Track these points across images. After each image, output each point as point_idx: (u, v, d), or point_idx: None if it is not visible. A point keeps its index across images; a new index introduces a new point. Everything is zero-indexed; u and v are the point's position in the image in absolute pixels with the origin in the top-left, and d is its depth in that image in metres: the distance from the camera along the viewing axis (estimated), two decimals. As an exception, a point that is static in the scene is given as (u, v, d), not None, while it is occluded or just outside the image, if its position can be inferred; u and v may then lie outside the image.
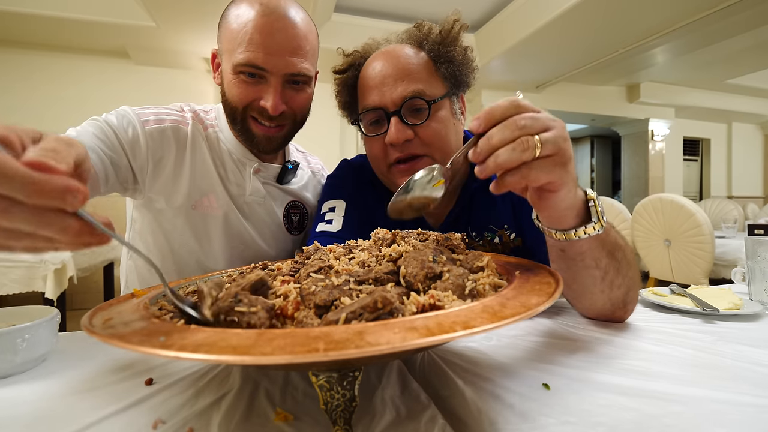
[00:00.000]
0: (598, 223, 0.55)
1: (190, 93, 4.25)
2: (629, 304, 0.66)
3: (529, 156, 0.44)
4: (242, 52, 0.80)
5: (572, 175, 0.50)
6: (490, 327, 0.28)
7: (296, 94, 0.87)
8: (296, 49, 0.82)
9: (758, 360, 0.52)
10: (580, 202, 0.54)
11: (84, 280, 3.00)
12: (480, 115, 0.46)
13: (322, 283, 0.40)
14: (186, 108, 0.97)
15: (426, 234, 0.57)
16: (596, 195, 0.55)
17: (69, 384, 0.50)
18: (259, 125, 0.87)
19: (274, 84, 0.82)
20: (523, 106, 0.46)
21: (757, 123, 7.72)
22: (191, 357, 0.26)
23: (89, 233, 0.32)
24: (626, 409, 0.39)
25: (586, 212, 0.56)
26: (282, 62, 0.81)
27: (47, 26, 3.49)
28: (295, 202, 1.05)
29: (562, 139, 0.46)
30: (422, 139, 0.79)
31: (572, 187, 0.51)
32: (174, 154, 0.89)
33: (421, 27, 0.85)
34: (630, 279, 0.62)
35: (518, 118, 0.45)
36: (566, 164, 0.48)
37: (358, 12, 4.10)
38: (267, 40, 0.79)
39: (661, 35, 3.86)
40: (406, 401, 0.44)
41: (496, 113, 0.45)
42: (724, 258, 2.60)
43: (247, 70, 0.81)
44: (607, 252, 0.58)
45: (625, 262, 0.61)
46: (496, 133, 0.44)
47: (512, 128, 0.44)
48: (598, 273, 0.60)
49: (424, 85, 0.78)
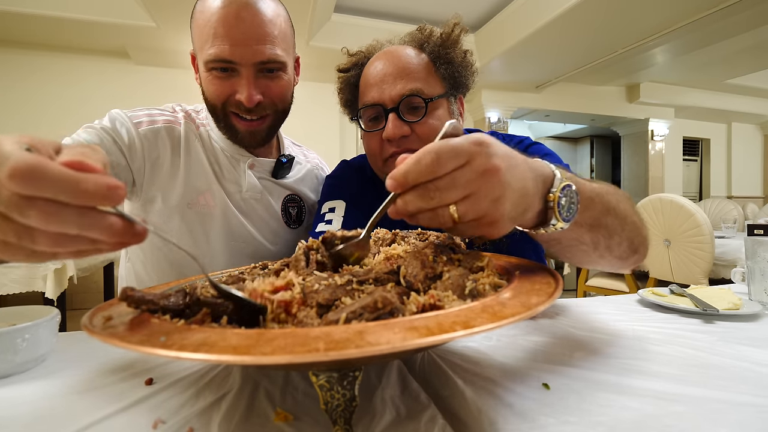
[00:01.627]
0: (559, 223, 0.48)
1: (190, 93, 4.21)
2: (639, 247, 0.62)
3: (448, 224, 0.40)
4: (210, 47, 0.79)
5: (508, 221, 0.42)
6: (490, 327, 0.28)
7: (271, 83, 0.85)
8: (263, 36, 0.80)
9: (758, 360, 0.52)
10: (531, 215, 0.47)
11: (84, 280, 3.00)
12: (395, 174, 0.39)
13: (325, 282, 0.40)
14: (178, 108, 0.97)
15: (426, 234, 0.57)
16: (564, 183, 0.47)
17: (69, 384, 0.49)
18: (241, 120, 0.86)
19: (246, 75, 0.81)
20: (443, 161, 0.38)
21: (756, 123, 7.71)
22: (191, 357, 0.26)
23: (130, 231, 0.31)
24: (626, 409, 0.40)
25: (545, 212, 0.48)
26: (249, 51, 0.79)
27: (47, 26, 3.49)
28: (292, 195, 1.04)
29: (491, 202, 0.39)
30: (419, 135, 0.80)
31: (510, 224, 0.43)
32: (169, 153, 0.89)
33: (422, 30, 0.86)
34: (629, 230, 0.59)
35: (431, 186, 0.38)
36: (494, 223, 0.41)
37: (358, 12, 4.10)
38: (231, 31, 0.77)
39: (661, 35, 3.86)
40: (406, 401, 0.44)
41: (410, 177, 0.38)
42: (723, 258, 2.60)
43: (218, 66, 0.80)
44: (588, 228, 0.54)
45: (618, 221, 0.56)
46: (412, 200, 0.39)
47: (426, 199, 0.39)
48: (585, 248, 0.57)
49: (423, 84, 0.80)
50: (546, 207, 0.47)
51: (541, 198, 0.47)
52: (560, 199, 0.47)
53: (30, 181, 0.27)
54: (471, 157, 0.38)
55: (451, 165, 0.38)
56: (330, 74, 0.94)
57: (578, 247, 0.57)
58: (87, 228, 0.29)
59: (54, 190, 0.27)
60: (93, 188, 0.28)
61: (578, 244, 0.56)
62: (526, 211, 0.45)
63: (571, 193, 0.48)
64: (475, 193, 0.38)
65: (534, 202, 0.46)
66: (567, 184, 0.47)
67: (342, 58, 0.93)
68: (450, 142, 0.38)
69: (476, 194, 0.39)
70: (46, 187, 0.27)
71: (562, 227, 0.48)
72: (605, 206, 0.55)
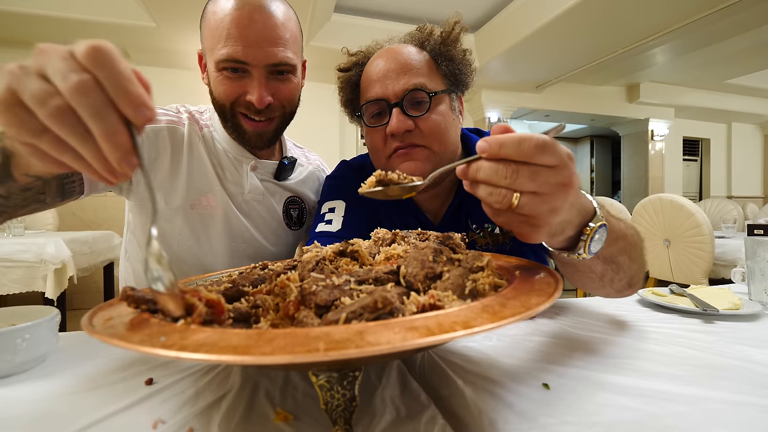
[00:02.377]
0: (583, 254, 0.52)
1: (190, 93, 4.25)
2: (635, 284, 0.66)
3: (501, 207, 0.42)
4: (222, 47, 0.79)
5: (545, 233, 0.45)
6: (490, 327, 0.28)
7: (281, 85, 0.86)
8: (276, 38, 0.81)
9: (758, 360, 0.52)
10: (561, 240, 0.51)
11: (84, 280, 3.00)
12: (492, 140, 0.41)
13: (322, 282, 0.40)
14: (182, 109, 0.97)
15: (426, 234, 0.57)
16: (601, 222, 0.51)
17: (69, 384, 0.49)
18: (249, 121, 0.87)
19: (257, 76, 0.82)
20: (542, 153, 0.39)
21: (756, 123, 7.72)
22: (191, 357, 0.26)
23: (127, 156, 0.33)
24: (626, 409, 0.40)
25: (574, 239, 0.52)
26: (262, 53, 0.80)
27: (47, 26, 3.49)
28: (293, 197, 1.05)
29: (548, 210, 0.42)
30: (422, 130, 0.80)
31: (545, 237, 0.47)
32: (170, 154, 0.89)
33: (422, 29, 0.87)
34: (634, 270, 0.62)
35: (514, 168, 0.40)
36: (537, 226, 0.44)
37: (358, 12, 4.10)
38: (245, 32, 0.78)
39: (661, 35, 3.86)
40: (406, 401, 0.44)
41: (504, 150, 0.40)
42: (723, 258, 2.60)
43: (229, 66, 0.81)
44: (603, 260, 0.57)
45: (628, 261, 0.60)
46: (486, 170, 0.41)
47: (501, 175, 0.40)
48: (593, 276, 0.61)
49: (426, 80, 0.81)
50: (578, 236, 0.51)
51: (577, 227, 0.51)
52: (594, 234, 0.51)
53: (103, 60, 0.31)
54: (562, 165, 0.41)
55: (545, 161, 0.40)
56: (330, 74, 0.94)
57: (587, 274, 0.60)
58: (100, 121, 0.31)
59: (113, 77, 0.31)
60: (135, 94, 0.32)
61: (588, 272, 0.60)
62: (563, 232, 0.49)
63: (604, 232, 0.52)
64: (544, 195, 0.41)
65: (571, 228, 0.50)
66: (603, 224, 0.51)
67: (342, 57, 0.94)
68: (555, 142, 0.40)
69: (544, 196, 0.41)
70: (109, 69, 0.31)
71: (585, 257, 0.52)
72: (624, 247, 0.59)
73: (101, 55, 0.31)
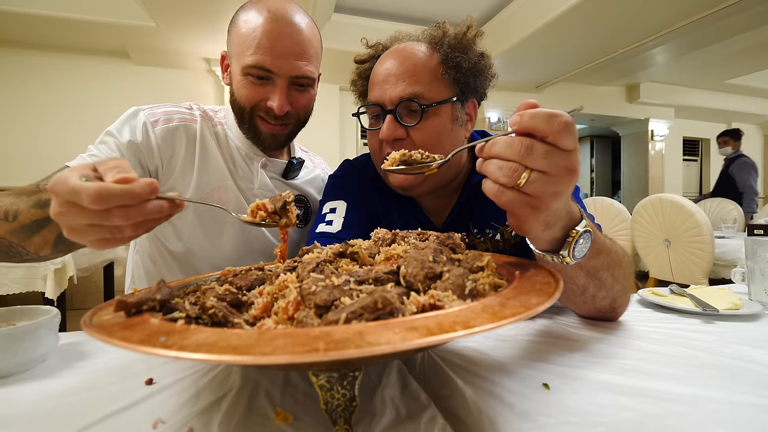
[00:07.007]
0: (567, 258, 0.52)
1: (191, 93, 4.25)
2: (618, 308, 0.67)
3: (508, 183, 0.43)
4: (251, 55, 0.85)
5: (542, 221, 0.47)
6: (490, 327, 0.28)
7: (300, 95, 0.92)
8: (301, 53, 0.87)
9: (758, 360, 0.52)
10: (549, 237, 0.51)
11: (84, 280, 3.00)
12: (524, 112, 0.42)
13: (322, 283, 0.40)
14: (195, 106, 1.01)
15: (426, 234, 0.57)
16: (586, 228, 0.51)
17: (69, 384, 0.50)
18: (266, 123, 0.92)
19: (281, 85, 0.87)
20: (565, 134, 0.41)
21: (756, 123, 7.71)
22: (191, 357, 0.26)
23: (173, 204, 0.45)
24: (626, 409, 0.40)
25: (560, 242, 0.52)
26: (288, 65, 0.86)
27: (47, 26, 3.49)
28: (299, 196, 1.08)
29: (552, 192, 0.43)
30: (414, 140, 0.80)
31: (539, 226, 0.48)
32: (184, 150, 0.93)
33: (439, 27, 0.84)
34: (617, 291, 0.63)
35: (528, 145, 0.41)
36: (538, 209, 0.45)
37: (358, 12, 4.10)
38: (275, 44, 0.85)
39: (661, 35, 3.86)
40: (406, 401, 0.44)
41: (532, 122, 0.41)
42: (723, 258, 2.60)
43: (256, 73, 0.86)
44: (585, 273, 0.58)
45: (612, 279, 0.60)
46: (501, 144, 0.43)
47: (516, 150, 0.42)
48: (575, 288, 0.61)
49: (424, 89, 0.78)
50: (563, 240, 0.52)
51: (563, 229, 0.51)
52: (579, 238, 0.51)
53: (102, 201, 0.39)
54: (575, 150, 0.42)
55: (565, 142, 0.41)
56: (330, 74, 0.95)
57: (569, 285, 0.60)
58: (148, 213, 0.42)
59: (119, 200, 0.39)
60: (140, 191, 0.40)
61: (571, 283, 0.60)
62: (552, 226, 0.49)
63: (589, 238, 0.52)
64: (552, 176, 0.42)
65: (558, 228, 0.50)
66: (588, 230, 0.52)
67: (342, 57, 0.95)
68: (575, 126, 0.42)
69: (551, 177, 0.42)
70: (114, 200, 0.39)
71: (568, 262, 0.52)
72: (608, 263, 0.59)
73: (99, 199, 0.39)
